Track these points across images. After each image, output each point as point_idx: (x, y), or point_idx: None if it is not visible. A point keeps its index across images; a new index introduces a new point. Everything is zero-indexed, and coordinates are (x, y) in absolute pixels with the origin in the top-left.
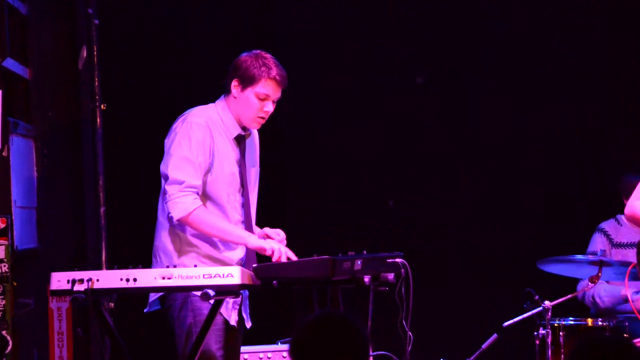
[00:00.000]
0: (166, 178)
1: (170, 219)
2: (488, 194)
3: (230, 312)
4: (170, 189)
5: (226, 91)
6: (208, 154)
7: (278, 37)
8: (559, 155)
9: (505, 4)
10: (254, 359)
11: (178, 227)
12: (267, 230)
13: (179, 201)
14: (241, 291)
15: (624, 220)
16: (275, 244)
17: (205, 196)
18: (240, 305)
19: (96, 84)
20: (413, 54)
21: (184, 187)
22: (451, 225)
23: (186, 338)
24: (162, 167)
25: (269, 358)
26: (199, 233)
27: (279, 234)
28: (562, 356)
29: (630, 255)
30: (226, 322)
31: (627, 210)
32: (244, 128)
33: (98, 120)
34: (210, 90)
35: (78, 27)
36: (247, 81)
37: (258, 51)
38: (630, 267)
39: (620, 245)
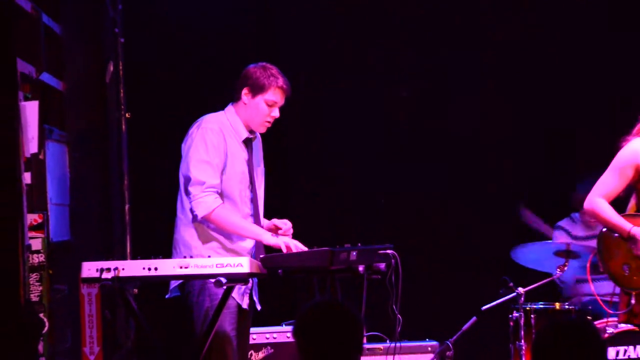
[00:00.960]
0: (188, 180)
1: (192, 215)
2: (470, 190)
3: (242, 297)
4: (193, 189)
5: (235, 99)
6: (223, 156)
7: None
8: (530, 155)
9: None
10: (261, 339)
11: (197, 223)
12: (275, 221)
13: (202, 201)
14: (250, 278)
15: (577, 217)
16: (287, 240)
17: (220, 193)
18: (251, 291)
19: (121, 95)
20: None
21: (205, 187)
22: (436, 220)
23: (203, 320)
24: (184, 170)
25: (274, 338)
26: (217, 228)
27: (286, 223)
28: (533, 336)
29: (590, 245)
30: (239, 306)
31: (586, 204)
32: (250, 131)
33: (123, 127)
34: (219, 100)
35: (106, 45)
36: (257, 89)
37: (264, 63)
38: (592, 255)
39: (578, 238)
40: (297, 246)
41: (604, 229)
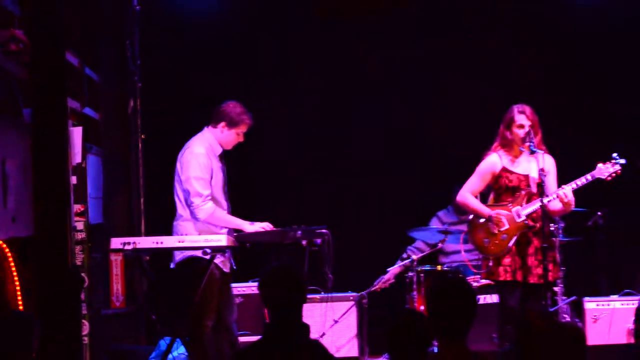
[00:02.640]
0: (189, 192)
1: (192, 215)
2: (380, 184)
3: (225, 264)
4: (195, 200)
5: (212, 124)
6: (210, 171)
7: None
8: (426, 154)
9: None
10: (235, 292)
11: (194, 220)
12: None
13: (203, 208)
14: (227, 249)
15: (451, 208)
16: (261, 225)
17: (213, 199)
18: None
19: (139, 122)
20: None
21: (204, 198)
22: (358, 208)
23: (199, 280)
24: (185, 185)
25: (244, 290)
26: (211, 224)
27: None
28: (422, 289)
29: (461, 227)
30: (222, 273)
31: (458, 198)
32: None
33: (140, 145)
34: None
35: (128, 88)
36: (232, 124)
37: (234, 102)
38: (462, 234)
39: (450, 224)
40: (268, 227)
41: (472, 216)
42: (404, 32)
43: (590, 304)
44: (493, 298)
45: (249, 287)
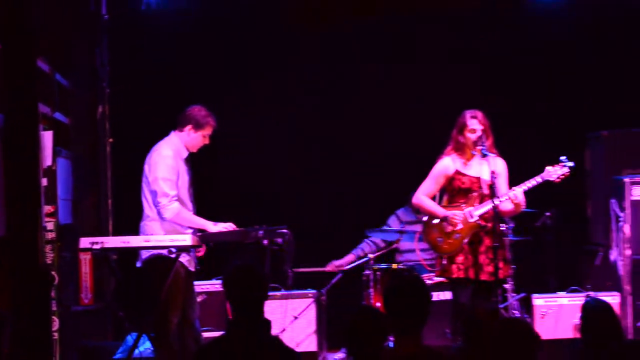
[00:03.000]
0: (156, 193)
1: (158, 214)
2: (340, 184)
3: (190, 263)
4: (162, 200)
5: (178, 129)
6: (176, 173)
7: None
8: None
9: None
10: (199, 289)
11: (161, 220)
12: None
13: (169, 208)
14: (191, 248)
15: (410, 208)
16: (224, 226)
17: (179, 200)
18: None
19: (107, 127)
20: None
21: (170, 198)
22: (318, 208)
23: (164, 277)
24: (153, 186)
25: (207, 288)
26: (177, 224)
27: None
28: (379, 286)
29: (416, 227)
30: (187, 271)
31: (413, 200)
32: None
33: (108, 149)
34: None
35: (97, 93)
36: (198, 127)
37: (199, 106)
38: (417, 234)
39: (407, 223)
40: (230, 227)
41: (426, 217)
42: (364, 40)
43: (539, 301)
44: (446, 295)
45: (213, 285)
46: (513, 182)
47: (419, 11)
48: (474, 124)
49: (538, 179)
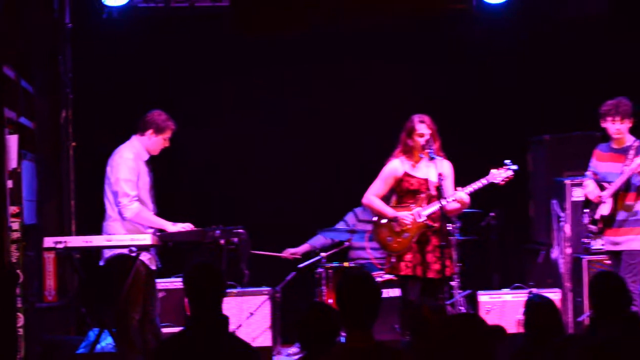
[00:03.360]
0: (116, 194)
1: (119, 214)
2: (291, 189)
3: (151, 262)
4: (122, 200)
5: (139, 133)
6: (137, 174)
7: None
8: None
9: None
10: (159, 286)
11: (122, 219)
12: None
13: (130, 208)
14: (152, 248)
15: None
16: (182, 226)
17: (139, 200)
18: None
19: (70, 131)
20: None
21: (131, 198)
22: (271, 211)
23: (125, 275)
24: (115, 186)
25: (166, 286)
26: (137, 223)
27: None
28: (331, 284)
29: (368, 227)
30: (148, 269)
31: (364, 200)
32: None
33: (71, 152)
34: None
35: (61, 99)
36: (159, 131)
37: (158, 110)
38: (368, 233)
39: (363, 221)
40: (188, 227)
41: (376, 217)
42: (316, 45)
43: (484, 297)
44: (395, 292)
45: (172, 283)
46: (460, 183)
47: (364, 19)
48: (422, 128)
49: (483, 181)
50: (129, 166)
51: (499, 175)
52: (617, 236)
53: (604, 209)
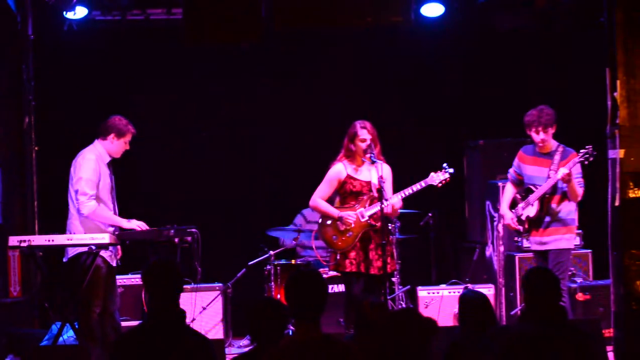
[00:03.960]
0: (77, 192)
1: (80, 213)
2: (240, 191)
3: (112, 259)
4: (81, 198)
5: (101, 137)
6: (98, 175)
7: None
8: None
9: None
10: (120, 283)
11: (83, 217)
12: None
13: (87, 205)
14: (111, 246)
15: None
16: (137, 224)
17: (98, 199)
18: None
19: (33, 136)
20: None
21: (89, 196)
22: (225, 209)
23: (85, 272)
24: (75, 185)
25: (124, 282)
26: (94, 220)
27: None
28: (279, 280)
29: (313, 227)
30: (109, 266)
31: (311, 202)
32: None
33: (34, 156)
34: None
35: (24, 106)
36: (120, 135)
37: (119, 116)
38: (313, 233)
39: (310, 222)
40: (142, 226)
41: (322, 218)
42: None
43: (423, 292)
44: (340, 287)
45: (129, 279)
46: (399, 185)
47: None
48: (364, 133)
49: (423, 183)
50: (91, 167)
51: (437, 178)
52: (543, 236)
53: (531, 211)
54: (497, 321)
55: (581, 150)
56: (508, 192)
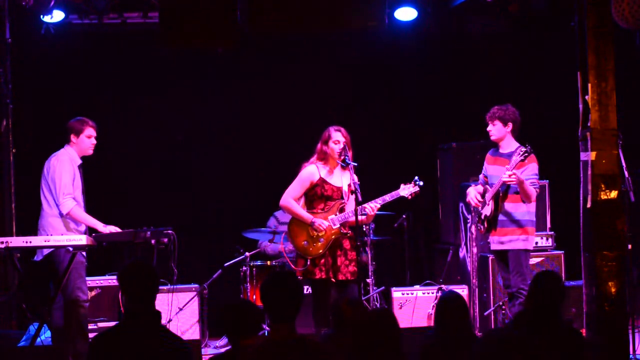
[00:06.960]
0: (57, 190)
1: (57, 210)
2: (216, 192)
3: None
4: (61, 196)
5: (68, 142)
6: (72, 176)
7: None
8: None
9: None
10: (94, 284)
11: (59, 216)
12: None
13: (66, 204)
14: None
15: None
16: (111, 228)
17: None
18: None
19: (10, 139)
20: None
21: (68, 195)
22: (201, 211)
23: (64, 273)
24: (52, 185)
25: (101, 283)
26: (71, 219)
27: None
28: (255, 281)
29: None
30: (86, 265)
31: (282, 202)
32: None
33: (11, 158)
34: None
35: (1, 109)
36: (79, 132)
37: (74, 118)
38: (284, 234)
39: (283, 224)
40: (115, 229)
41: (292, 220)
42: (240, 58)
43: (397, 293)
44: (309, 290)
45: (106, 280)
46: (371, 191)
47: (284, 32)
48: (338, 136)
49: (393, 195)
50: (64, 167)
51: (407, 190)
52: (500, 236)
53: (487, 210)
54: (470, 322)
55: (522, 149)
56: (472, 191)
